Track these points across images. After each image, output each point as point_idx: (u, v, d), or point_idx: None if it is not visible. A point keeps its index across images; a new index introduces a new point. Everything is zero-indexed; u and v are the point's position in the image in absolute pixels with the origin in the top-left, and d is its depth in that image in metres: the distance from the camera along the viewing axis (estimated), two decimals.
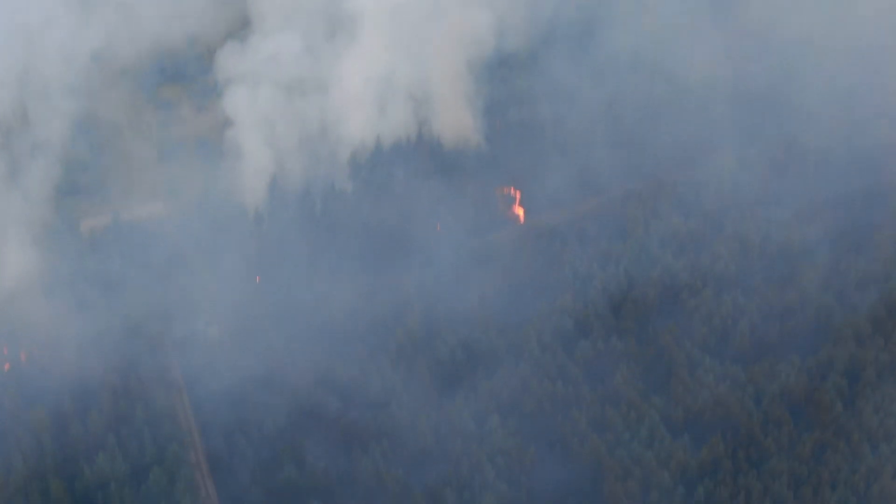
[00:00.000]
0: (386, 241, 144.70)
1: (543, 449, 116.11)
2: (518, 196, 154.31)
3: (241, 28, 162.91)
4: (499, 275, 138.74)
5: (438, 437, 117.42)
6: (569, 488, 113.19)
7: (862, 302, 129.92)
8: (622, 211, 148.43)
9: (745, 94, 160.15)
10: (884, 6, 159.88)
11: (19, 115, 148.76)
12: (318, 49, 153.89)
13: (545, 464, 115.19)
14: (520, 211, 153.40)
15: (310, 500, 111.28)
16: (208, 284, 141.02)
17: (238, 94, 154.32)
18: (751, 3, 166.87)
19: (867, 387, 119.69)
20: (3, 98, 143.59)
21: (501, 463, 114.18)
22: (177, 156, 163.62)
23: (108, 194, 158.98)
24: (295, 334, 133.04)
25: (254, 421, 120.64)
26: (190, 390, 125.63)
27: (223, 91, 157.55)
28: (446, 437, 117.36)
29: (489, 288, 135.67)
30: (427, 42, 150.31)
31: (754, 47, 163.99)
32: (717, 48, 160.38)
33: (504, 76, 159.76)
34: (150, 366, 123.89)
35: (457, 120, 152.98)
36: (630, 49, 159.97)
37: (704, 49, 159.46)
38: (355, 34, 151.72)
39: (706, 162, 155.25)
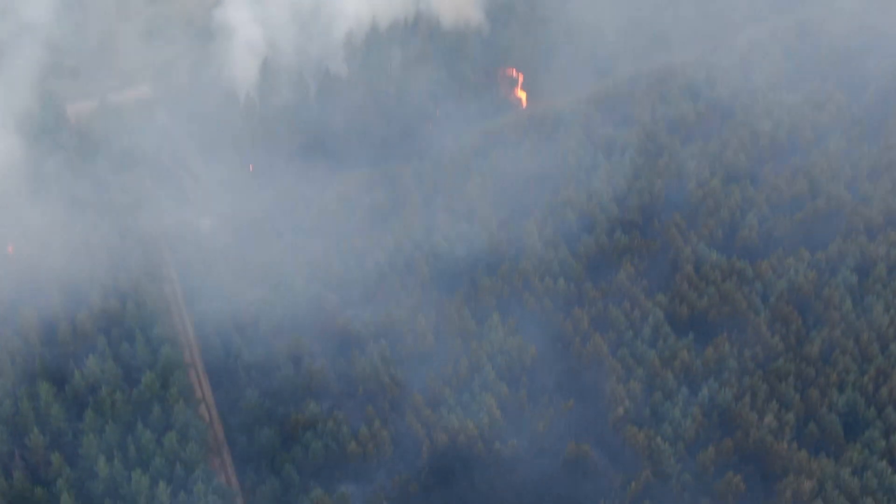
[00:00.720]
0: (383, 127, 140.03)
1: (545, 348, 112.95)
2: (521, 79, 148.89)
3: None
4: (500, 165, 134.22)
5: (438, 337, 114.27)
6: (570, 388, 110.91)
7: (874, 193, 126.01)
8: (629, 96, 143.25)
9: None
10: None
11: None
12: None
13: (546, 363, 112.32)
14: (522, 95, 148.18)
15: (307, 401, 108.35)
16: (199, 173, 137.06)
17: None
18: None
19: (877, 283, 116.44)
20: None
21: (501, 362, 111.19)
22: (164, 36, 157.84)
23: (95, 77, 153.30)
24: (290, 227, 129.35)
25: (249, 319, 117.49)
26: (183, 286, 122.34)
27: None
28: (445, 337, 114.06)
29: (489, 180, 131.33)
30: None
31: None
32: None
33: None
34: (140, 262, 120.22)
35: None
36: None
37: None
38: None
39: (716, 46, 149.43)
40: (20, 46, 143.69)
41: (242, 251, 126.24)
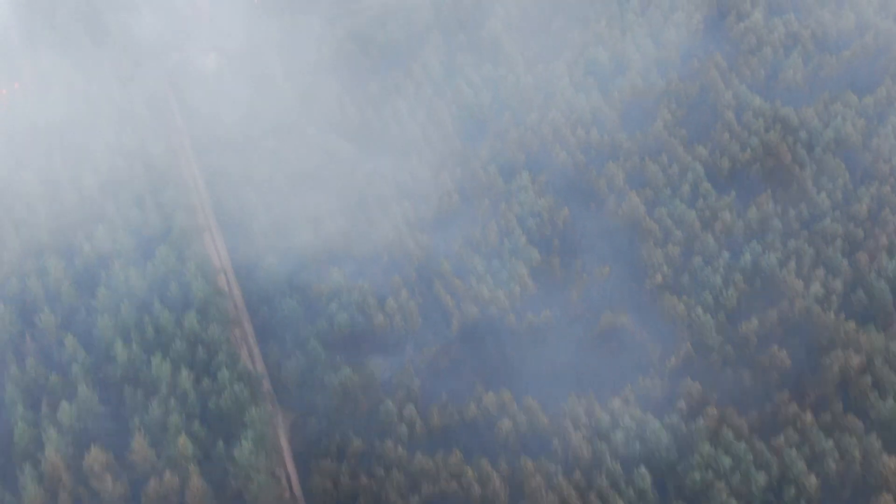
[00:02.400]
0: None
1: (577, 208, 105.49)
2: None
3: None
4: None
5: (464, 197, 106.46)
6: (604, 253, 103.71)
7: None
8: None
9: None
10: None
11: None
12: None
13: (579, 225, 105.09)
14: None
15: (330, 268, 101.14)
16: (201, 5, 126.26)
17: None
18: None
19: None
20: None
21: (532, 225, 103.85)
22: None
23: None
24: (298, 67, 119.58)
25: (263, 173, 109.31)
26: (191, 136, 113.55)
27: None
28: (471, 197, 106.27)
29: (513, 13, 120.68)
30: None
31: None
32: None
33: None
34: (145, 113, 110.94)
35: None
36: None
37: None
38: None
39: None
40: None
41: (250, 93, 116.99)
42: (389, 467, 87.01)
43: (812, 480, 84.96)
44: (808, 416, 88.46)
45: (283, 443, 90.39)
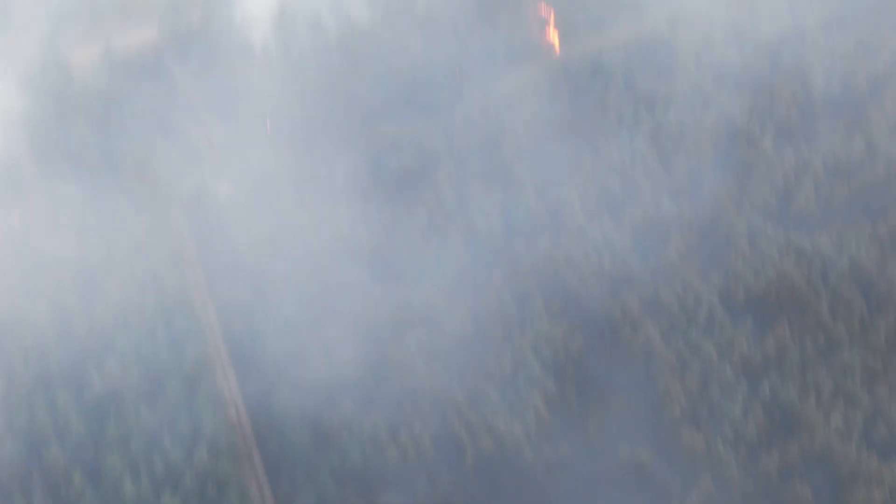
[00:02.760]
0: (408, 78, 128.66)
1: (592, 337, 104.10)
2: (552, 17, 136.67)
3: None
4: (534, 120, 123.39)
5: (477, 324, 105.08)
6: (621, 383, 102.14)
7: None
8: (670, 38, 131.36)
9: None
10: None
11: None
12: None
13: (594, 354, 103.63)
14: (554, 36, 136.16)
15: (341, 398, 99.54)
16: (214, 132, 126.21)
17: None
18: None
19: None
20: None
21: (547, 354, 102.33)
22: None
23: (97, 16, 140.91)
24: (312, 194, 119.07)
25: (274, 302, 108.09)
26: (204, 266, 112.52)
27: None
28: (485, 324, 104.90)
29: (523, 138, 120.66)
30: None
31: None
32: None
33: None
34: (158, 241, 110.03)
35: None
36: None
37: None
38: None
39: None
40: None
41: (263, 221, 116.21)
42: None
43: None
44: None
45: None
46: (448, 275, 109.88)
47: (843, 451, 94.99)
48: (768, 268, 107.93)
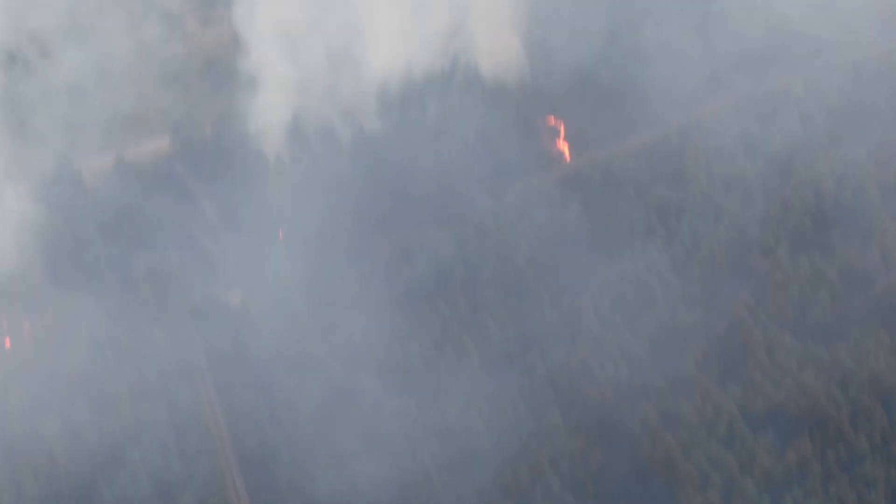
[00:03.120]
0: (420, 186, 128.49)
1: (611, 449, 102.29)
2: (562, 130, 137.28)
3: None
4: (547, 229, 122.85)
5: (493, 434, 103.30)
6: (641, 497, 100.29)
7: None
8: (680, 150, 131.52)
9: (809, 14, 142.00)
10: None
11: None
12: None
13: (613, 467, 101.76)
14: (565, 147, 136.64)
15: None
16: (226, 240, 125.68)
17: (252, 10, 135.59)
18: None
19: None
20: None
21: (565, 467, 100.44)
22: (182, 80, 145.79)
23: (109, 127, 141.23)
24: (324, 302, 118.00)
25: (287, 413, 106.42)
26: (215, 377, 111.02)
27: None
28: (500, 434, 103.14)
29: (536, 248, 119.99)
30: None
31: None
32: None
33: None
34: (168, 351, 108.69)
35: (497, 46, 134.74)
36: None
37: None
38: None
39: (767, 89, 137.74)
40: (27, 95, 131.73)
41: (274, 329, 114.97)
42: None
43: None
44: None
45: None
46: (463, 386, 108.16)
47: None
48: (787, 379, 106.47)
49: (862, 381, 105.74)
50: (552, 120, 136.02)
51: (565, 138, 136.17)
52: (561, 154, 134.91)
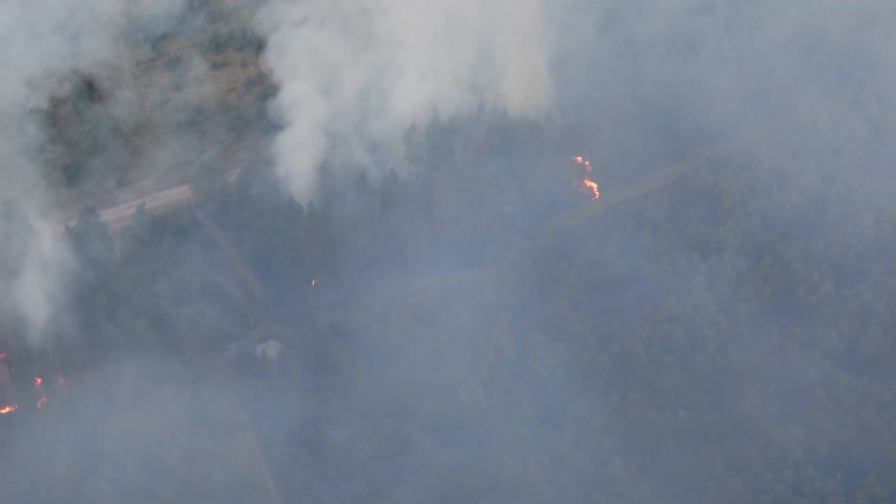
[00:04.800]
0: (453, 230, 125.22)
1: (675, 494, 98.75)
2: (589, 167, 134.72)
3: None
4: (585, 269, 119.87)
5: (548, 480, 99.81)
6: None
7: None
8: (712, 184, 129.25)
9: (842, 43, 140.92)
10: None
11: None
12: None
13: None
14: (593, 185, 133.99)
15: None
16: (256, 289, 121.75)
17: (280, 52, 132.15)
18: None
19: None
20: None
21: None
22: (195, 126, 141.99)
23: (126, 177, 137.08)
24: (363, 350, 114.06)
25: (332, 468, 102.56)
26: (259, 434, 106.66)
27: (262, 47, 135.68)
28: (557, 481, 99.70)
29: (577, 288, 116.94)
30: None
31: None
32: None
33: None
34: (214, 409, 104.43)
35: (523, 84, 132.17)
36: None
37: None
38: None
39: (799, 123, 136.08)
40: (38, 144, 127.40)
41: (312, 382, 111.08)
42: None
43: None
44: None
45: None
46: (517, 433, 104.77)
47: None
48: (850, 418, 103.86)
49: None
50: (580, 159, 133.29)
51: (592, 176, 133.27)
52: (590, 190, 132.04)
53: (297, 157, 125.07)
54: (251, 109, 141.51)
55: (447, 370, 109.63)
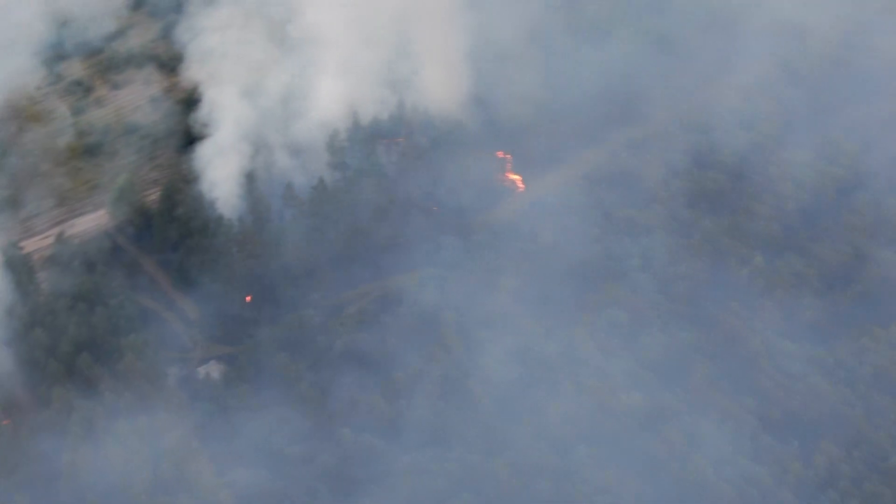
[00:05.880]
0: (382, 233, 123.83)
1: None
2: (510, 161, 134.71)
3: None
4: (522, 262, 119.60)
5: None
6: None
7: None
8: (634, 168, 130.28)
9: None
10: None
11: None
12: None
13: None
14: (516, 177, 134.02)
15: None
16: (188, 311, 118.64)
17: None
18: None
19: None
20: None
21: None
22: (104, 149, 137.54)
23: (38, 206, 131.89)
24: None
25: None
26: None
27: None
28: None
29: (521, 286, 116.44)
30: None
31: None
32: None
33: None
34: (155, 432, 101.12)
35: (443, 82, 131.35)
36: None
37: None
38: None
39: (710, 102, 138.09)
40: None
41: (264, 400, 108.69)
42: None
43: None
44: None
45: None
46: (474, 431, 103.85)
47: None
48: (797, 384, 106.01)
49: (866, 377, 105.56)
50: (500, 154, 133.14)
51: (515, 168, 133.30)
52: (514, 184, 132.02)
53: (219, 171, 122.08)
54: (160, 127, 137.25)
55: (399, 376, 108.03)
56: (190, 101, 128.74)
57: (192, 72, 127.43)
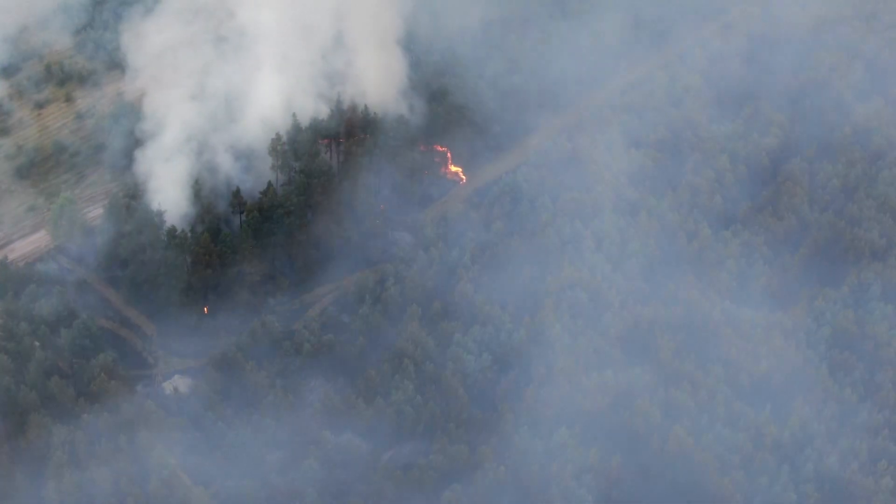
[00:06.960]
0: (333, 233, 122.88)
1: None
2: (449, 154, 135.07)
3: None
4: (471, 255, 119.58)
5: None
6: None
7: None
8: (573, 151, 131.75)
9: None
10: None
11: None
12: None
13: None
14: (458, 169, 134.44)
15: None
16: (144, 327, 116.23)
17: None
18: None
19: None
20: None
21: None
22: (35, 169, 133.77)
23: None
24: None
25: None
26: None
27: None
28: None
29: (479, 283, 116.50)
30: None
31: None
32: None
33: None
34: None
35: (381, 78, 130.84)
36: None
37: None
38: None
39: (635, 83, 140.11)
40: None
41: (236, 409, 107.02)
42: None
43: None
44: None
45: None
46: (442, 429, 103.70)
47: None
48: (762, 348, 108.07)
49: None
50: (439, 148, 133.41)
51: (454, 162, 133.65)
52: (456, 175, 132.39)
53: (163, 179, 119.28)
54: (88, 143, 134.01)
55: (372, 373, 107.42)
56: (124, 112, 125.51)
57: (126, 81, 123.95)
